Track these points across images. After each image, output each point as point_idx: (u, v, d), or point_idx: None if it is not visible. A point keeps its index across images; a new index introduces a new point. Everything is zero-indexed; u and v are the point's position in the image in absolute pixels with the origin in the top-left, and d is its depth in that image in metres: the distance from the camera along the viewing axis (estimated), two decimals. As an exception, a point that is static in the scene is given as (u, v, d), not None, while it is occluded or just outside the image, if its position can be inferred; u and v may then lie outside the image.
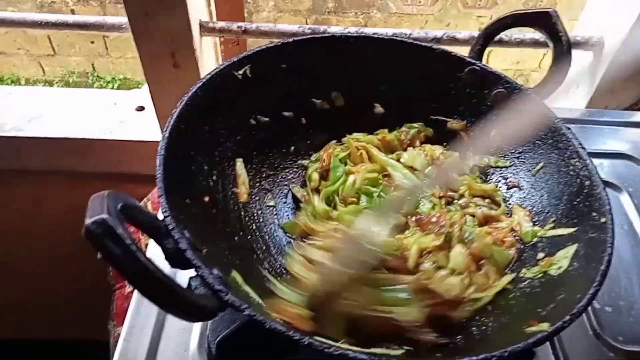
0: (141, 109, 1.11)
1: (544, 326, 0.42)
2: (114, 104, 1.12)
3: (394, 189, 0.62)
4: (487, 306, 0.52)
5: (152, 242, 0.51)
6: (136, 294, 0.63)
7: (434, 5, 2.77)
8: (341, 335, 0.46)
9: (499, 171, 0.65)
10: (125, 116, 1.09)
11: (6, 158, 1.08)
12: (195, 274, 0.42)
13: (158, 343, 0.58)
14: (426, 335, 0.47)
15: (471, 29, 2.79)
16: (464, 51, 0.68)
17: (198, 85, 0.55)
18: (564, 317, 0.41)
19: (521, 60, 2.88)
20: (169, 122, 0.50)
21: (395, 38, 0.65)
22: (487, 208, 0.62)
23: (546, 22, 0.60)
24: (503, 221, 0.61)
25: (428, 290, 0.50)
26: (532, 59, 2.87)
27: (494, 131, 0.65)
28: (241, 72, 0.60)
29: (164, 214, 0.43)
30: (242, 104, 0.62)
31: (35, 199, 1.20)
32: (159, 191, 0.45)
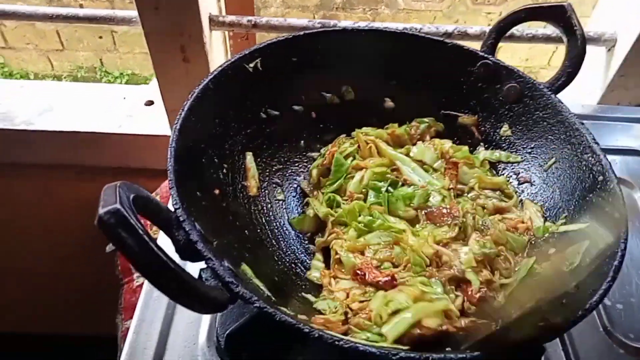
0: (150, 103, 1.11)
1: (556, 322, 0.42)
2: (123, 98, 1.12)
3: (402, 183, 0.62)
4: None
5: (162, 234, 0.51)
6: (145, 288, 0.63)
7: (442, 2, 2.75)
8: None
9: (510, 166, 0.65)
10: (135, 110, 1.09)
11: (16, 151, 1.08)
12: (205, 266, 0.42)
13: (167, 336, 0.58)
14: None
15: (480, 25, 2.77)
16: (475, 47, 0.68)
17: (209, 77, 0.55)
18: (576, 312, 0.41)
19: (530, 57, 2.85)
20: (180, 114, 0.50)
21: (407, 32, 0.65)
22: (497, 200, 0.61)
23: (560, 15, 0.59)
24: (514, 212, 0.60)
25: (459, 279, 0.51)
26: (541, 56, 2.84)
27: (505, 126, 0.65)
28: (252, 65, 0.60)
29: (175, 206, 0.43)
30: (252, 97, 0.62)
31: (45, 192, 1.20)
32: (170, 183, 0.45)
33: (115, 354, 0.72)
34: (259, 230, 0.59)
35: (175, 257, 0.42)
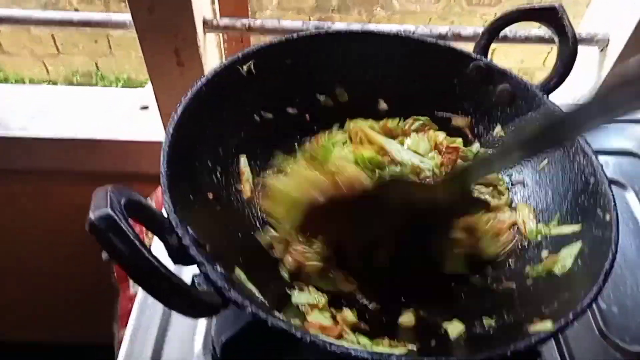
0: (145, 108, 1.11)
1: (547, 324, 0.42)
2: (118, 102, 1.12)
3: (391, 164, 0.61)
4: (490, 304, 0.52)
5: (156, 240, 0.51)
6: (139, 296, 0.62)
7: (437, 3, 2.76)
8: None
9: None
10: (129, 115, 1.09)
11: (11, 157, 1.08)
12: (198, 270, 0.41)
13: (162, 345, 0.58)
14: None
15: (475, 26, 2.78)
16: (469, 48, 0.68)
17: (203, 80, 0.55)
18: (567, 315, 0.41)
19: (525, 58, 2.86)
20: (174, 117, 0.50)
21: (401, 34, 0.65)
22: (489, 196, 0.61)
23: (552, 17, 0.59)
24: (505, 212, 0.60)
25: None
26: (536, 57, 2.85)
27: (498, 127, 0.65)
28: (245, 68, 0.60)
29: (168, 210, 0.43)
30: (246, 100, 0.62)
31: (41, 199, 1.20)
32: (163, 187, 0.45)
33: (112, 362, 0.72)
34: (253, 233, 0.59)
35: (168, 262, 0.42)
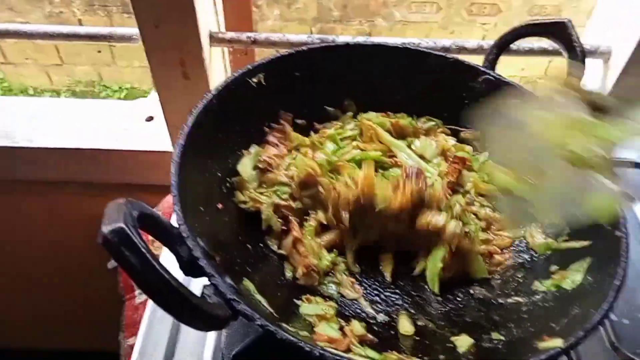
0: (150, 119, 1.11)
1: (558, 342, 0.41)
2: (124, 114, 1.12)
3: (396, 166, 0.61)
4: (499, 319, 0.52)
5: (165, 250, 0.51)
6: (149, 309, 0.62)
7: (438, 13, 2.78)
8: None
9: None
10: (135, 126, 1.09)
11: (17, 168, 1.08)
12: (208, 282, 0.41)
13: (172, 357, 0.57)
14: None
15: (475, 36, 2.80)
16: (472, 60, 0.68)
17: (213, 92, 0.55)
18: (577, 332, 0.41)
19: (526, 67, 2.88)
20: (184, 129, 0.51)
21: (409, 47, 0.65)
22: (491, 210, 0.60)
23: (561, 32, 0.60)
24: (505, 230, 0.60)
25: None
26: (537, 66, 2.86)
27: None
28: (255, 80, 0.61)
29: (178, 222, 0.43)
30: (255, 112, 0.62)
31: (47, 210, 1.20)
32: (174, 199, 0.45)
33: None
34: (261, 245, 0.59)
35: (179, 273, 0.42)
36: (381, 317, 0.55)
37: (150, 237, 0.43)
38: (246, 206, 0.58)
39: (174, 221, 0.43)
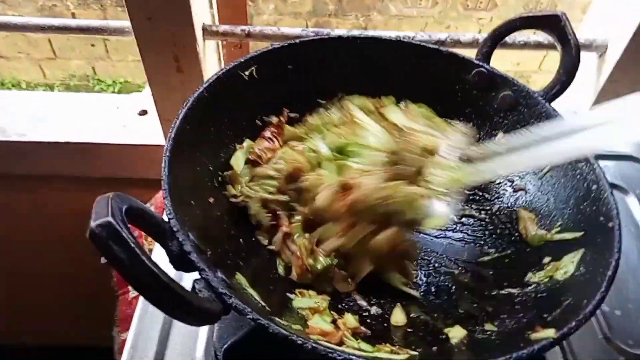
0: (144, 113, 1.11)
1: (550, 332, 0.42)
2: (117, 108, 1.11)
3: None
4: (492, 310, 0.52)
5: (157, 246, 0.51)
6: (141, 303, 0.62)
7: (434, 8, 2.77)
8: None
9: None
10: (128, 120, 1.08)
11: (9, 163, 1.07)
12: (199, 276, 0.41)
13: (164, 351, 0.57)
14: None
15: (471, 31, 2.79)
16: (467, 54, 0.68)
17: (204, 85, 0.55)
18: (569, 323, 0.41)
19: (521, 61, 2.88)
20: (175, 122, 0.50)
21: (402, 40, 0.65)
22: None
23: (555, 25, 0.59)
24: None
25: None
26: (532, 60, 2.86)
27: (500, 134, 0.65)
28: (247, 73, 0.60)
29: (169, 216, 0.43)
30: (248, 105, 0.62)
31: (39, 204, 1.19)
32: (164, 193, 0.44)
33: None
34: (254, 239, 0.58)
35: (170, 268, 0.42)
36: (374, 310, 0.56)
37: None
38: (237, 200, 0.57)
39: (165, 216, 0.43)
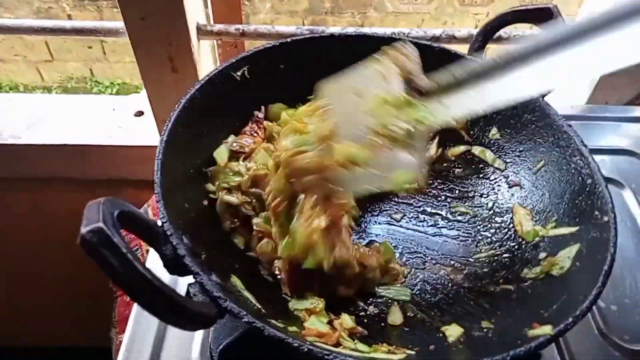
0: (140, 114, 1.10)
1: (547, 329, 0.42)
2: (113, 109, 1.11)
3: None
4: (489, 307, 0.52)
5: (152, 252, 0.50)
6: (136, 304, 0.62)
7: (430, 4, 2.77)
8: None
9: (499, 170, 0.65)
10: (124, 121, 1.08)
11: (5, 165, 1.07)
12: (193, 280, 0.41)
13: (160, 352, 0.57)
14: None
15: (468, 26, 2.79)
16: (463, 49, 0.68)
17: (196, 87, 0.55)
18: (566, 319, 0.41)
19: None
20: (167, 125, 0.50)
21: (395, 36, 0.65)
22: None
23: (547, 18, 0.59)
24: None
25: None
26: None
27: (494, 129, 0.65)
28: (239, 73, 0.60)
29: (162, 220, 0.42)
30: (240, 105, 0.61)
31: (35, 206, 1.19)
32: (157, 196, 0.44)
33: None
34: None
35: (165, 272, 0.42)
36: (371, 309, 0.56)
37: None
38: (215, 197, 0.57)
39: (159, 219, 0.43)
